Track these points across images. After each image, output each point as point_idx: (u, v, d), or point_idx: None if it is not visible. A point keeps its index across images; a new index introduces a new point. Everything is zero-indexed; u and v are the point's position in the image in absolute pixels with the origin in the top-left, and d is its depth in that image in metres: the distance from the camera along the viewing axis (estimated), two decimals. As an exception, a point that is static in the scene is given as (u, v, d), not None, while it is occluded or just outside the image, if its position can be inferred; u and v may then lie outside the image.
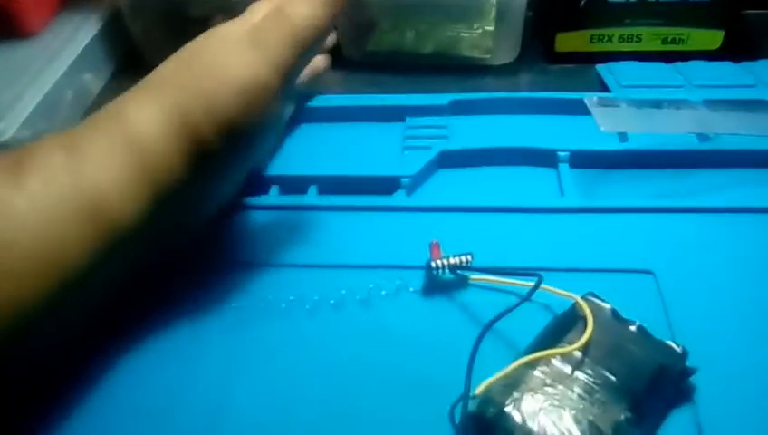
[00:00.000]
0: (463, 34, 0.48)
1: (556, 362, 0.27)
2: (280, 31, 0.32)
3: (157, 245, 0.32)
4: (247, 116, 0.31)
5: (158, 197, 0.29)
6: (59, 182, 0.27)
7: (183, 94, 0.30)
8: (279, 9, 0.32)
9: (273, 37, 0.31)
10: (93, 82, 0.50)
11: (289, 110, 0.42)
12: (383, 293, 0.33)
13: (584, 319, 0.28)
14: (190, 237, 0.34)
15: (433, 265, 0.32)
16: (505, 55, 0.49)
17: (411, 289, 0.33)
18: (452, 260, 0.32)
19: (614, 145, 0.39)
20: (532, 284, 0.30)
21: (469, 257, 0.32)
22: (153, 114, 0.30)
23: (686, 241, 0.34)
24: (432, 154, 0.40)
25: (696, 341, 0.28)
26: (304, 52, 0.32)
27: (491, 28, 0.47)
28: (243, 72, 0.30)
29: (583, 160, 0.39)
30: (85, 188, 0.27)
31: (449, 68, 0.49)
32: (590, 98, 0.36)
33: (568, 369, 0.27)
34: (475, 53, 0.49)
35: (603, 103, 0.35)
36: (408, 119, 0.43)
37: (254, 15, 0.33)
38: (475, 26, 0.48)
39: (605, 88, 0.45)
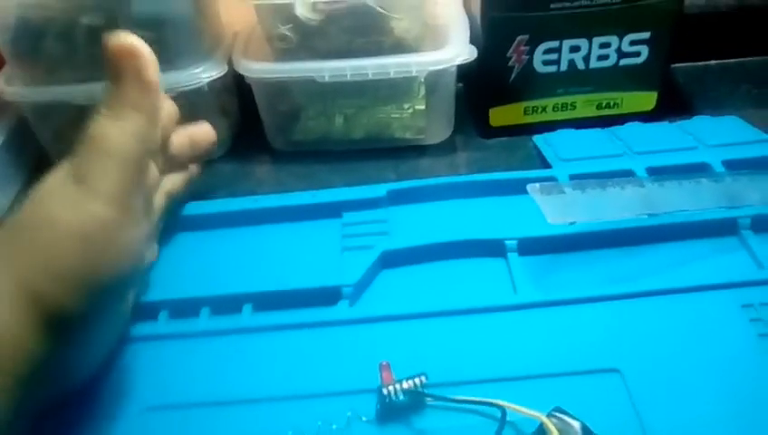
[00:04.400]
0: (393, 116, 0.47)
1: (531, 506, 0.25)
2: (98, 158, 0.28)
3: (30, 409, 0.28)
4: (92, 262, 0.27)
5: (20, 381, 0.26)
6: None
7: (22, 263, 0.27)
8: (90, 135, 0.29)
9: (93, 167, 0.28)
10: (-1, 199, 0.46)
11: (152, 233, 0.37)
12: (334, 427, 0.29)
13: (554, 444, 0.26)
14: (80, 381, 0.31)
15: (385, 392, 0.29)
16: (439, 134, 0.47)
17: (364, 419, 0.30)
18: (405, 384, 0.29)
19: (562, 229, 0.37)
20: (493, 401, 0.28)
21: (423, 379, 0.29)
22: None
23: (648, 329, 0.32)
24: (374, 255, 0.37)
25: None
26: (134, 171, 0.29)
27: (421, 107, 0.46)
28: (71, 214, 0.27)
29: (532, 247, 0.37)
30: None
31: (383, 151, 0.47)
32: (533, 185, 0.34)
33: (544, 511, 0.24)
34: (408, 135, 0.47)
35: (547, 190, 0.33)
36: (344, 214, 0.40)
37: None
38: (406, 106, 0.46)
39: (544, 161, 0.43)
